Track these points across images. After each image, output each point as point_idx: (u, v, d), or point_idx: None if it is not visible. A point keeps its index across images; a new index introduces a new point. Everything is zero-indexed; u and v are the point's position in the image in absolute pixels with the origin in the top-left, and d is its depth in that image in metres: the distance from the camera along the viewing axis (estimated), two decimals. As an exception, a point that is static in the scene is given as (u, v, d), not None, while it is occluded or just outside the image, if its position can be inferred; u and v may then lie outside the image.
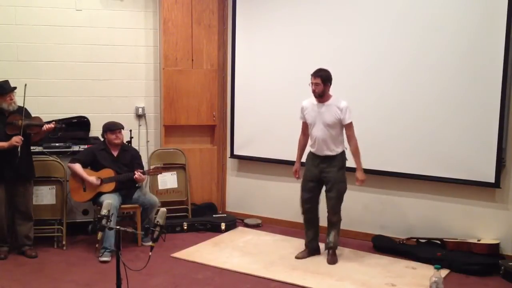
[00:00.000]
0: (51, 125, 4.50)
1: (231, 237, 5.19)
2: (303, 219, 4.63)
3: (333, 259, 4.48)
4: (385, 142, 4.88)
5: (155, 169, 4.90)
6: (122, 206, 4.77)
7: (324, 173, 4.40)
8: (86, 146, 5.14)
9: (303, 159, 4.61)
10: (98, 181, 4.67)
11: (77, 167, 4.69)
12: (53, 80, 5.41)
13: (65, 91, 5.44)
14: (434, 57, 4.60)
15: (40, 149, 4.95)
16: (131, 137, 5.49)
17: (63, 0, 5.36)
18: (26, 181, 4.55)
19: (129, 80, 5.67)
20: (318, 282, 4.05)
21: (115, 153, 4.86)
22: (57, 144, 5.08)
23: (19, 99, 4.46)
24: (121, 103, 5.63)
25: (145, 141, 5.78)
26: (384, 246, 4.81)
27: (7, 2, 5.20)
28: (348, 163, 4.49)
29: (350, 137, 4.37)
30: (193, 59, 5.71)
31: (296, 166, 4.61)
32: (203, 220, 5.43)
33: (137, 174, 4.72)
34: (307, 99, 4.47)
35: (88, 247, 4.78)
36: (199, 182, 5.85)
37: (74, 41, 5.42)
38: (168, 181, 5.61)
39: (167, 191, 5.60)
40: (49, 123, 4.56)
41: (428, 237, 4.77)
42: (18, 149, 4.29)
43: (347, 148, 4.44)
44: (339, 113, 4.29)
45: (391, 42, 4.79)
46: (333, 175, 4.37)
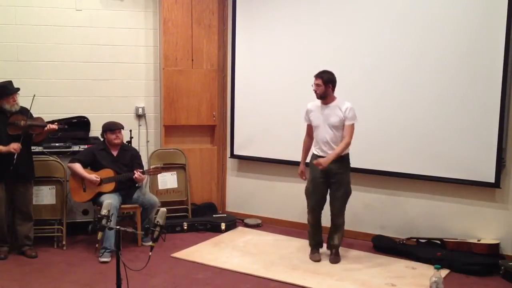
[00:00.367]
0: (54, 126, 4.50)
1: (231, 237, 5.19)
2: (310, 224, 4.57)
3: (336, 259, 4.49)
4: (385, 142, 4.88)
5: (154, 169, 4.90)
6: (122, 206, 4.77)
7: (331, 176, 4.37)
8: (86, 146, 5.14)
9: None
10: (97, 178, 4.66)
11: (77, 167, 4.69)
12: (53, 80, 5.41)
13: (65, 91, 5.44)
14: (434, 57, 4.60)
15: (40, 149, 4.95)
16: (131, 137, 5.49)
17: (63, 0, 5.36)
18: (26, 181, 4.55)
19: (129, 80, 5.67)
20: (318, 282, 4.05)
21: (114, 153, 4.86)
22: (57, 144, 5.08)
23: (22, 99, 4.46)
24: (121, 103, 5.63)
25: (145, 141, 5.78)
26: (384, 246, 4.81)
27: (7, 2, 5.20)
28: (350, 164, 4.49)
29: (345, 134, 4.27)
30: (193, 59, 5.72)
31: (301, 167, 4.60)
32: (203, 220, 5.43)
33: (137, 174, 4.72)
34: (313, 102, 4.46)
35: (88, 247, 4.78)
36: (199, 182, 5.85)
37: (74, 41, 5.42)
38: (168, 181, 5.61)
39: (167, 191, 5.61)
40: (51, 123, 4.56)
41: (428, 237, 4.77)
42: (14, 156, 4.30)
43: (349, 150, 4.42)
44: (342, 114, 4.28)
45: (391, 42, 4.80)
46: (340, 177, 4.36)
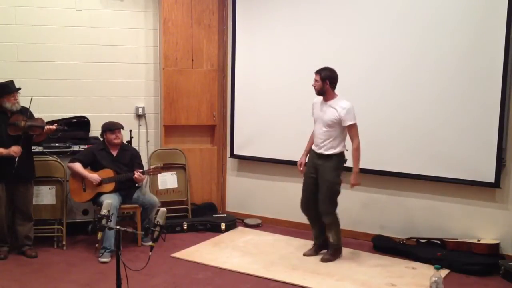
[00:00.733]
0: (53, 127, 4.50)
1: (231, 237, 5.19)
2: (307, 218, 4.65)
3: (327, 258, 4.48)
4: (385, 142, 4.88)
5: (154, 169, 4.90)
6: (122, 206, 4.77)
7: (318, 172, 4.40)
8: (86, 146, 5.13)
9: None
10: (98, 178, 4.66)
11: (77, 166, 4.69)
12: (53, 80, 5.41)
13: (65, 91, 5.44)
14: (434, 57, 4.60)
15: (40, 149, 4.95)
16: (131, 137, 5.49)
17: (63, 0, 5.36)
18: (26, 182, 4.55)
19: (129, 80, 5.67)
20: (318, 282, 4.05)
21: (114, 153, 4.86)
22: (57, 144, 5.08)
23: (23, 100, 4.46)
24: (121, 103, 5.63)
25: (145, 141, 5.78)
26: (384, 246, 4.81)
27: (7, 2, 5.20)
28: (346, 164, 4.47)
29: (351, 138, 4.32)
30: (193, 59, 5.71)
31: (301, 159, 4.59)
32: (203, 220, 5.43)
33: (137, 174, 4.71)
34: (318, 97, 4.46)
35: (88, 247, 4.78)
36: (199, 182, 5.85)
37: (74, 41, 5.42)
38: (168, 181, 5.61)
39: (167, 191, 5.61)
40: (51, 124, 4.56)
41: (428, 237, 4.77)
42: (15, 160, 4.30)
43: (348, 149, 4.41)
44: (338, 113, 4.26)
45: (391, 42, 4.79)
46: (325, 174, 4.34)
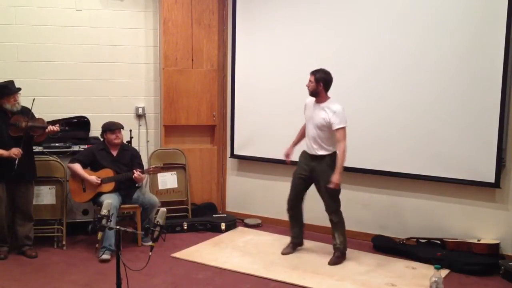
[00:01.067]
0: (55, 128, 4.50)
1: (231, 237, 5.19)
2: (288, 216, 4.71)
3: (335, 261, 4.46)
4: (385, 142, 4.88)
5: (154, 167, 4.90)
6: (122, 206, 4.77)
7: (314, 172, 4.41)
8: (86, 146, 5.14)
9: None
10: (98, 180, 4.67)
11: (77, 167, 4.69)
12: (53, 80, 5.41)
13: (65, 91, 5.44)
14: (434, 57, 4.60)
15: (40, 149, 4.95)
16: (131, 137, 5.49)
17: (63, 0, 5.36)
18: (27, 182, 4.55)
19: (129, 80, 5.67)
20: (318, 282, 4.05)
21: (114, 153, 4.86)
22: (57, 144, 5.08)
23: (24, 100, 4.46)
24: (121, 103, 5.63)
25: (145, 141, 5.78)
26: (384, 246, 4.81)
27: (7, 2, 5.20)
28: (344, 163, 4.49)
29: (337, 140, 4.27)
30: (193, 59, 5.72)
31: (288, 150, 4.64)
32: (203, 220, 5.43)
33: (136, 173, 4.71)
34: (311, 98, 4.46)
35: (88, 247, 4.78)
36: (199, 182, 5.85)
37: (74, 41, 5.42)
38: (168, 181, 5.61)
39: (167, 191, 5.61)
40: (53, 124, 4.56)
41: (428, 237, 4.77)
42: (16, 161, 4.30)
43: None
44: (328, 117, 4.26)
45: (391, 42, 4.79)
46: (322, 174, 4.35)
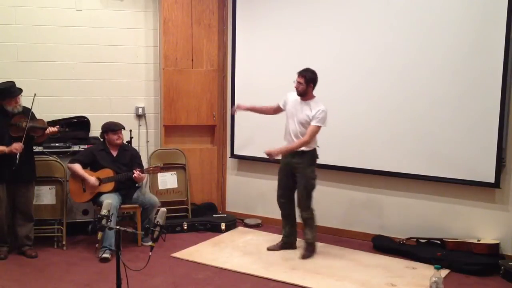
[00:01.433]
0: (55, 129, 4.50)
1: (231, 237, 5.19)
2: (281, 214, 4.74)
3: (305, 254, 4.55)
4: (385, 142, 4.88)
5: (154, 167, 4.90)
6: (122, 206, 4.77)
7: (294, 169, 4.50)
8: (86, 146, 5.14)
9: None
10: (97, 182, 4.67)
11: (77, 167, 4.69)
12: (53, 80, 5.41)
13: (65, 91, 5.44)
14: (434, 58, 4.60)
15: (40, 149, 4.95)
16: (131, 137, 5.49)
17: (63, 0, 5.36)
18: (27, 182, 4.55)
19: (129, 80, 5.67)
20: (318, 282, 4.05)
21: (114, 153, 4.86)
22: (57, 144, 5.08)
23: (25, 100, 4.46)
24: (121, 103, 5.63)
25: (145, 141, 5.78)
26: (384, 246, 4.81)
27: (7, 2, 5.20)
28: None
29: (306, 134, 4.34)
30: (193, 59, 5.72)
31: (241, 105, 4.76)
32: (203, 220, 5.43)
33: (136, 173, 4.71)
34: (294, 93, 4.52)
35: (88, 247, 4.78)
36: (199, 182, 5.85)
37: (74, 41, 5.42)
38: (168, 181, 5.61)
39: (167, 191, 5.61)
40: (53, 125, 4.56)
41: (428, 237, 4.77)
42: (17, 156, 4.30)
43: (319, 146, 4.52)
44: (311, 114, 4.34)
45: (392, 43, 4.79)
46: (302, 171, 4.46)
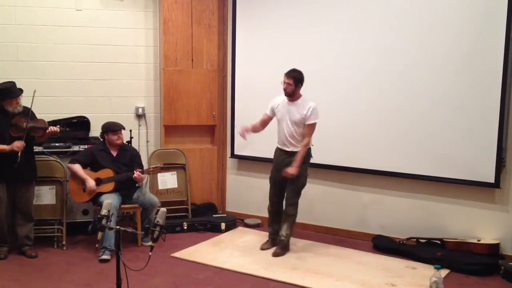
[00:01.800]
0: (56, 129, 4.50)
1: (231, 237, 5.19)
2: (269, 212, 4.80)
3: (279, 253, 4.60)
4: (385, 142, 4.88)
5: (154, 168, 4.90)
6: (122, 206, 4.77)
7: (287, 167, 4.51)
8: (86, 146, 5.14)
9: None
10: (95, 186, 4.66)
11: (77, 168, 4.69)
12: (53, 80, 5.41)
13: (65, 91, 5.44)
14: (434, 58, 4.60)
15: (40, 149, 4.94)
16: (131, 137, 5.49)
17: (63, 0, 5.36)
18: (28, 182, 4.55)
19: (129, 80, 5.67)
20: (317, 282, 4.05)
21: (114, 153, 4.86)
22: (57, 144, 5.08)
23: (25, 99, 4.46)
24: (121, 103, 5.63)
25: (145, 141, 5.78)
26: (384, 246, 4.81)
27: (7, 2, 5.20)
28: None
29: (305, 135, 4.43)
30: (193, 59, 5.72)
31: (247, 127, 4.72)
32: (203, 220, 5.43)
33: (136, 173, 4.72)
34: (280, 96, 4.60)
35: (88, 247, 4.78)
36: (199, 182, 5.85)
37: (74, 41, 5.42)
38: (168, 181, 5.61)
39: (167, 191, 5.61)
40: (54, 125, 4.56)
41: (428, 237, 4.77)
42: (18, 154, 4.29)
43: (313, 145, 4.55)
44: (304, 112, 4.41)
45: (392, 43, 4.79)
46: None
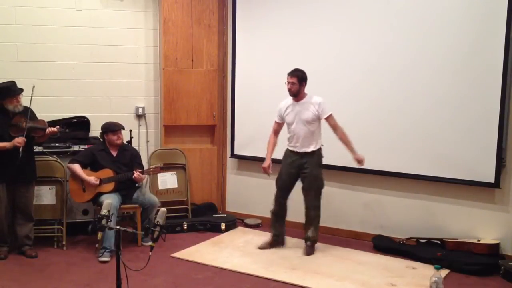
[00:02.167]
0: (55, 129, 4.50)
1: (231, 237, 5.19)
2: (273, 212, 4.78)
3: (309, 250, 4.64)
4: (386, 142, 4.88)
5: (154, 168, 4.90)
6: (122, 206, 4.76)
7: (302, 170, 4.53)
8: (86, 146, 5.13)
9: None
10: (97, 180, 4.67)
11: (76, 168, 4.69)
12: (53, 80, 5.41)
13: (65, 91, 5.44)
14: (434, 58, 4.60)
15: (40, 149, 4.94)
16: (131, 137, 5.49)
17: (63, 0, 5.37)
18: (28, 183, 4.55)
19: (129, 80, 5.68)
20: (317, 282, 4.05)
21: (114, 153, 4.86)
22: (57, 144, 5.08)
23: (25, 99, 4.46)
24: (121, 103, 5.63)
25: (145, 141, 5.78)
26: (384, 246, 4.81)
27: (7, 2, 5.21)
28: (326, 160, 4.63)
29: (334, 126, 4.49)
30: (193, 59, 5.72)
31: (268, 162, 4.69)
32: (203, 220, 5.44)
33: (136, 173, 4.72)
34: (283, 101, 4.63)
35: (88, 247, 4.78)
36: (199, 182, 5.85)
37: (74, 41, 5.43)
38: (168, 181, 5.61)
39: (167, 191, 5.61)
40: (53, 126, 4.56)
41: (428, 237, 4.77)
42: (20, 150, 4.29)
43: (323, 145, 4.57)
44: (315, 109, 4.43)
45: (392, 43, 4.79)
46: (311, 171, 4.51)
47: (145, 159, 5.56)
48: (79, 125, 5.42)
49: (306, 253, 4.64)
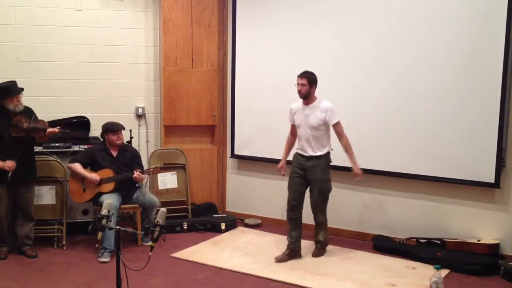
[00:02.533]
0: (55, 130, 4.51)
1: (231, 237, 5.19)
2: (288, 218, 4.63)
3: (318, 253, 4.63)
4: (386, 142, 4.88)
5: (154, 168, 4.90)
6: (122, 206, 4.77)
7: (308, 173, 4.47)
8: (86, 146, 5.14)
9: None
10: (97, 177, 4.67)
11: (77, 166, 4.69)
12: (53, 80, 5.41)
13: (65, 91, 5.44)
14: (434, 58, 4.60)
15: (40, 149, 4.95)
16: (131, 137, 5.49)
17: (63, 0, 5.37)
18: (28, 183, 4.56)
19: (129, 80, 5.68)
20: (318, 282, 4.05)
21: (114, 154, 4.86)
22: (57, 144, 5.08)
23: (26, 99, 4.46)
24: (121, 103, 5.63)
25: (145, 141, 5.78)
26: (384, 246, 4.81)
27: (7, 2, 5.21)
28: (335, 163, 4.58)
29: (339, 134, 4.43)
30: (193, 59, 5.72)
31: (282, 163, 4.68)
32: (203, 220, 5.44)
33: (136, 173, 4.72)
34: (296, 102, 4.55)
35: (88, 247, 4.78)
36: (199, 182, 5.85)
37: (74, 41, 5.43)
38: (168, 181, 5.61)
39: (167, 191, 5.61)
40: (53, 126, 4.57)
41: (428, 237, 4.77)
42: (9, 174, 4.29)
43: (332, 149, 4.51)
44: (322, 115, 4.36)
45: (392, 44, 4.79)
46: (317, 174, 4.45)
47: (145, 159, 5.56)
48: (79, 125, 5.42)
49: (316, 254, 4.62)
